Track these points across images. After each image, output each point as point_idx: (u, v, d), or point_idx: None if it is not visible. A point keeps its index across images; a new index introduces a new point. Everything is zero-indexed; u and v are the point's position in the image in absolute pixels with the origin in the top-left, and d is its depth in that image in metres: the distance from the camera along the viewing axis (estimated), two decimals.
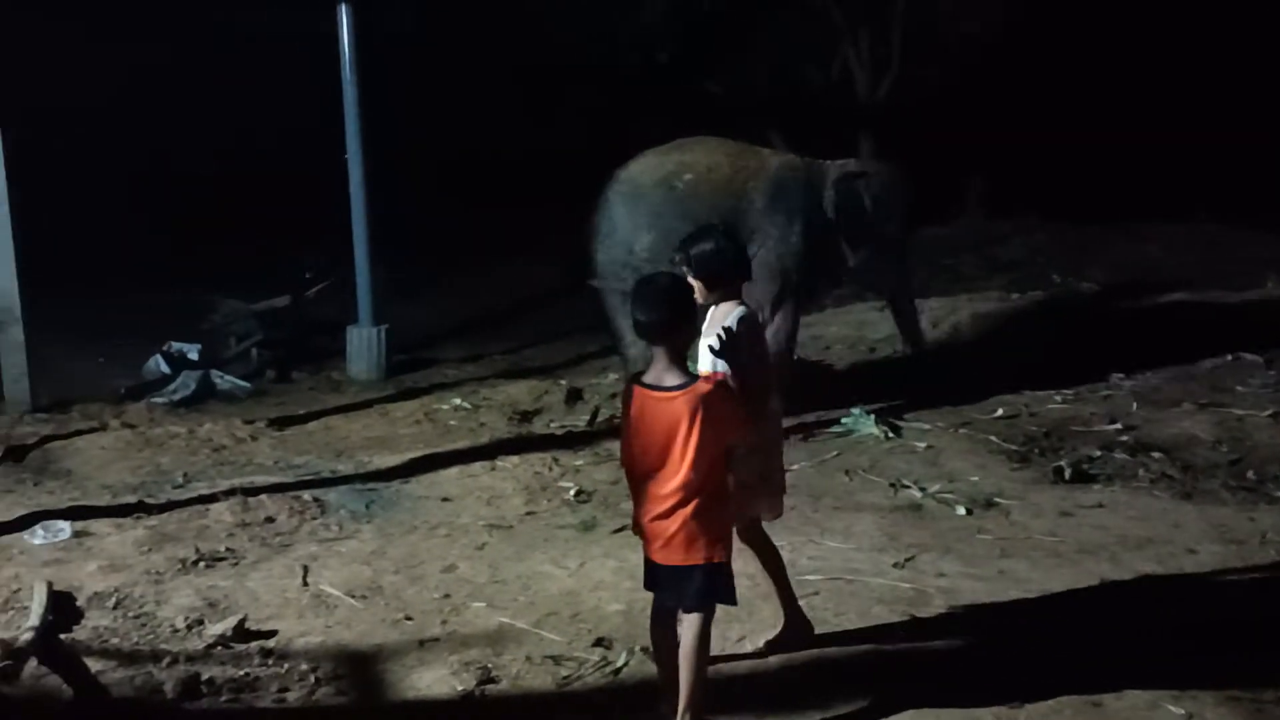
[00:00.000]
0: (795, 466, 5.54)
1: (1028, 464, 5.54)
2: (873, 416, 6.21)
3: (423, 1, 13.96)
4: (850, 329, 8.75)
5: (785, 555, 4.25)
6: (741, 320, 3.05)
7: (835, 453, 5.80)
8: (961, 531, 4.61)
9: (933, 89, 12.33)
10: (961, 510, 4.86)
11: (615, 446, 5.99)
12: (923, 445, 5.86)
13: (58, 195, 10.88)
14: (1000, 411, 6.43)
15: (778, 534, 4.50)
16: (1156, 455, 5.54)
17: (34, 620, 3.47)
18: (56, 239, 9.21)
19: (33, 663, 3.17)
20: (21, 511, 4.80)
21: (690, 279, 3.07)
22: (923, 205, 8.57)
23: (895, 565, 4.22)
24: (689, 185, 6.34)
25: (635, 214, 6.43)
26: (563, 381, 7.78)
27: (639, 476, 2.92)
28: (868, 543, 4.49)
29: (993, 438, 5.94)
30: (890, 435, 6.03)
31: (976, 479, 5.27)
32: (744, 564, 3.30)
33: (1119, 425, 6.06)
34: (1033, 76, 12.70)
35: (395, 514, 5.00)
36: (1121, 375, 7.04)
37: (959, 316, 8.76)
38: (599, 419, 6.67)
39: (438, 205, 13.76)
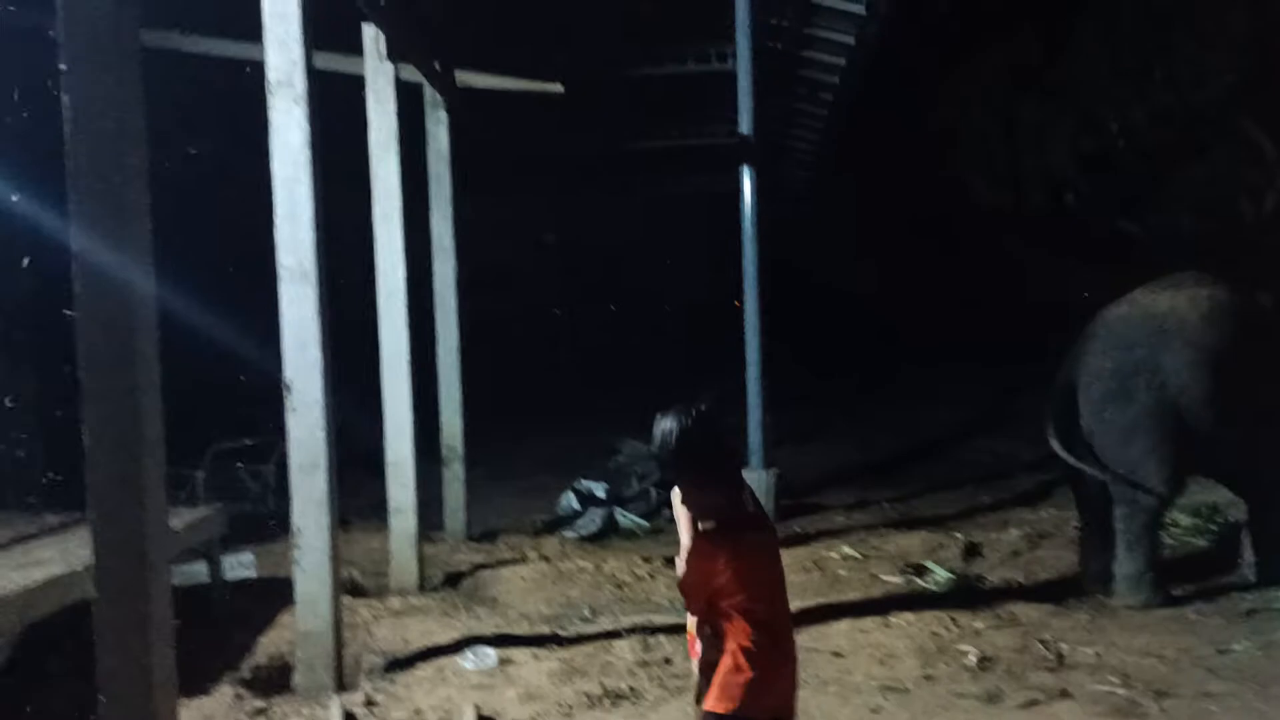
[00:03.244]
0: (1237, 647, 4.87)
1: None
2: None
3: (820, 159, 14.54)
4: None
5: None
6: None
7: None
8: None
9: None
10: None
11: (1019, 609, 5.65)
12: None
13: (493, 341, 12.37)
14: None
15: None
16: None
17: None
18: (493, 383, 10.41)
19: None
20: (456, 635, 5.33)
21: None
22: None
23: None
24: (1207, 319, 5.68)
25: (1143, 350, 5.72)
26: (958, 535, 7.43)
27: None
28: None
29: None
30: None
31: None
32: None
33: None
34: None
35: None
36: None
37: None
38: None
39: (832, 352, 13.97)
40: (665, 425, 2.64)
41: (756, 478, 8.81)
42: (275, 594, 5.82)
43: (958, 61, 12.57)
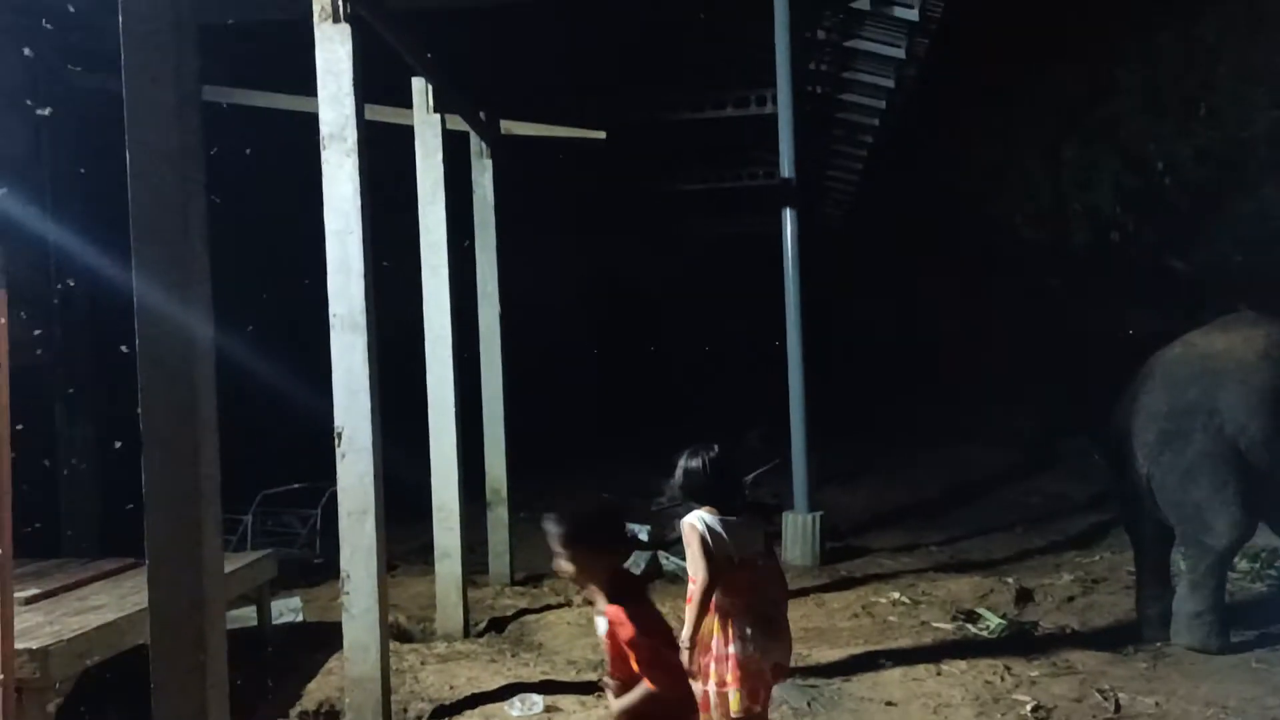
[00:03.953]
0: None
1: None
2: None
3: (860, 198, 14.56)
4: None
5: None
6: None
7: None
8: None
9: None
10: None
11: (1075, 657, 5.53)
12: None
13: (537, 383, 12.43)
14: None
15: None
16: None
17: None
18: (537, 425, 10.44)
19: None
20: (502, 682, 5.30)
21: None
22: None
23: None
24: (1263, 358, 5.54)
25: (1204, 392, 5.58)
26: (1009, 579, 7.30)
27: None
28: None
29: None
30: None
31: None
32: None
33: None
34: None
35: (837, 714, 4.88)
36: None
37: None
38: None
39: (875, 389, 13.86)
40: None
41: (801, 521, 8.75)
42: (322, 639, 5.84)
43: (999, 100, 12.56)
